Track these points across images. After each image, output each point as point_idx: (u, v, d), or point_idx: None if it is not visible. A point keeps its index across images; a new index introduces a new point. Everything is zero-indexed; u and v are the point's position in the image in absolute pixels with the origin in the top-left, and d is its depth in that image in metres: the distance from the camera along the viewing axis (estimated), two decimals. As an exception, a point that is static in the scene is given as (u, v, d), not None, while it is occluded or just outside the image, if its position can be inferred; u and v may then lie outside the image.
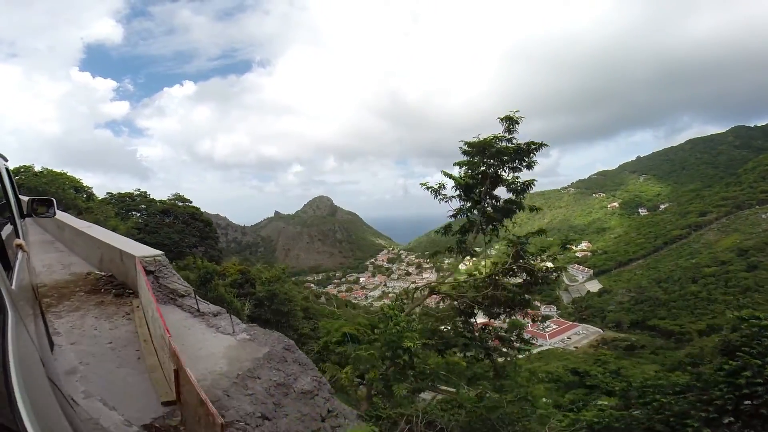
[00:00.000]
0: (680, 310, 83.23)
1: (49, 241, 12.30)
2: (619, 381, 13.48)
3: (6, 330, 1.17)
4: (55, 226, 12.37)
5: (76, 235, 10.34)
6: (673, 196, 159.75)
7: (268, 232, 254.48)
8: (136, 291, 7.47)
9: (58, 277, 8.50)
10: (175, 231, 26.17)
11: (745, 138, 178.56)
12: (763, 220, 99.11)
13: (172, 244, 24.67)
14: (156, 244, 24.98)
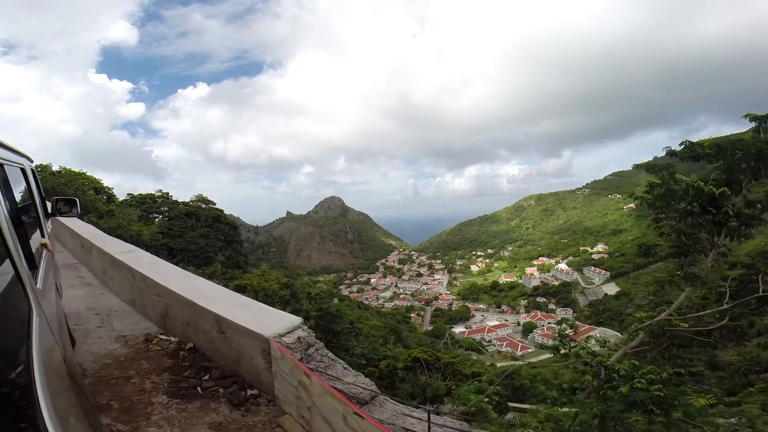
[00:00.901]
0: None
1: (70, 265, 9.01)
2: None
3: (31, 329, 1.20)
4: (79, 244, 9.24)
5: (112, 265, 7.07)
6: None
7: (280, 232, 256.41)
8: (261, 390, 4.10)
9: (98, 347, 4.97)
10: (200, 235, 26.26)
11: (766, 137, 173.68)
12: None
13: (198, 250, 24.74)
14: (182, 250, 25.07)
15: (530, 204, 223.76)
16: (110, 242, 8.41)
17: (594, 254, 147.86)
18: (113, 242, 8.49)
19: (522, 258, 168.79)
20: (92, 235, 8.88)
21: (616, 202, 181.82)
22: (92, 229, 10.20)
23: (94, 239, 8.34)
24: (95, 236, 8.91)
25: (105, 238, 9.05)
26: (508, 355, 79.37)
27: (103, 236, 9.28)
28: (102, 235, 9.41)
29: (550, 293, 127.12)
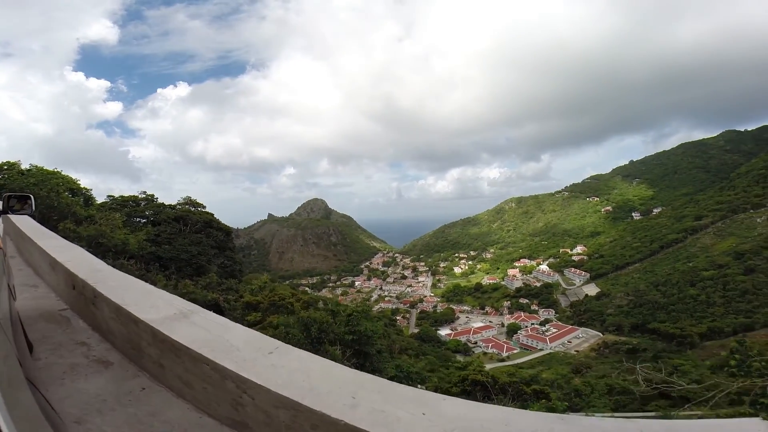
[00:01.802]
0: (680, 313, 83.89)
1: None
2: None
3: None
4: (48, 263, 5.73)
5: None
6: (667, 200, 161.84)
7: (262, 234, 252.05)
8: None
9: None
10: (191, 242, 24.95)
11: (736, 142, 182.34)
12: (758, 224, 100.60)
13: (190, 259, 23.47)
14: (172, 259, 23.72)
15: (511, 207, 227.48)
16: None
17: (574, 256, 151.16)
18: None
19: (504, 260, 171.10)
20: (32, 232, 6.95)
21: (593, 205, 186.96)
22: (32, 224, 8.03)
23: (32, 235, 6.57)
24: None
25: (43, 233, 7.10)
26: (495, 356, 79.92)
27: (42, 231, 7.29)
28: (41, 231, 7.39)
29: (532, 294, 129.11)
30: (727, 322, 73.27)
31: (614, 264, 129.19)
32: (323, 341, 9.05)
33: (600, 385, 24.95)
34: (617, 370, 52.85)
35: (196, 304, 13.43)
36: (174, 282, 18.03)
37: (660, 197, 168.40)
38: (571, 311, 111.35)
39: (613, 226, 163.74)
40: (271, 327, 10.51)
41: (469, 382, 11.39)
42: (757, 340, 59.07)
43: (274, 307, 12.61)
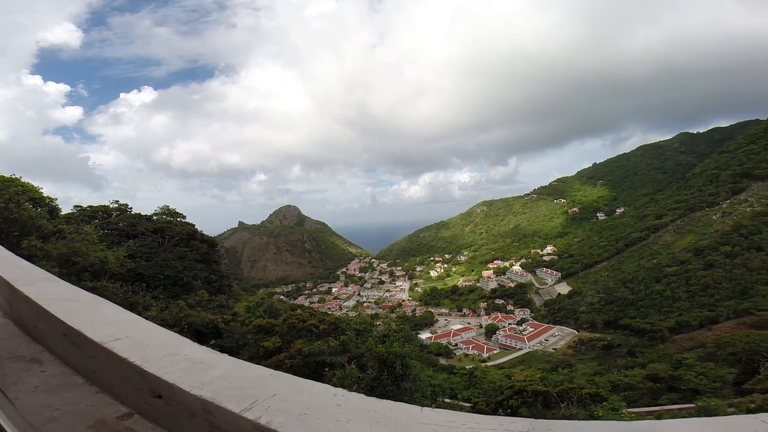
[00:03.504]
0: (648, 308, 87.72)
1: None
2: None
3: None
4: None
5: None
6: (629, 200, 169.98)
7: (233, 243, 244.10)
8: None
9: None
10: (175, 256, 22.92)
11: (690, 144, 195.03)
12: (714, 221, 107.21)
13: (176, 274, 21.48)
14: (154, 276, 21.69)
15: (482, 210, 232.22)
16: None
17: (545, 256, 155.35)
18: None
19: (478, 262, 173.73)
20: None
21: (560, 206, 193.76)
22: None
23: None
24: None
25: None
26: (476, 357, 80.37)
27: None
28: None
29: (507, 295, 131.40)
30: (693, 316, 77.11)
31: (583, 263, 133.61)
32: (405, 377, 8.07)
33: (603, 382, 25.14)
34: (603, 366, 54.42)
35: (193, 328, 11.57)
36: (164, 303, 16.33)
37: (622, 198, 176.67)
38: (546, 310, 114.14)
39: (580, 226, 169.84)
40: (300, 355, 9.41)
41: (529, 393, 10.75)
42: (722, 332, 62.64)
43: (295, 331, 11.41)
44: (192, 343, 2.60)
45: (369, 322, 12.10)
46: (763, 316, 65.66)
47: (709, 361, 30.28)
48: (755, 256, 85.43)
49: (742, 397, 19.22)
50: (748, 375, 23.84)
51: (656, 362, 42.73)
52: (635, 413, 15.88)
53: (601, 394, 11.06)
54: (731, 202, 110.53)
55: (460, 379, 25.74)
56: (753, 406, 15.14)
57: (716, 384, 21.61)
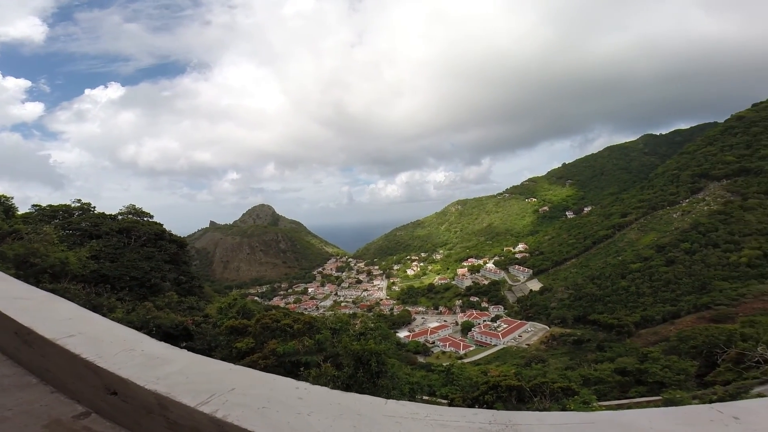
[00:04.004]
0: (615, 304, 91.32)
1: None
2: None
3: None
4: None
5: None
6: (596, 199, 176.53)
7: (204, 243, 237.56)
8: None
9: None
10: (141, 257, 22.00)
11: (653, 145, 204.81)
12: (674, 219, 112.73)
13: (143, 276, 20.61)
14: (119, 278, 20.78)
15: (456, 209, 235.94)
16: None
17: (517, 253, 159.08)
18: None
19: (453, 260, 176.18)
20: None
21: (532, 205, 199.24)
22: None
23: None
24: None
25: None
26: (453, 355, 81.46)
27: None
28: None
29: (481, 292, 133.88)
30: (656, 311, 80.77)
31: (553, 260, 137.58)
32: (381, 374, 8.03)
33: (574, 376, 26.01)
34: (574, 360, 56.29)
35: (162, 330, 11.36)
36: (131, 305, 15.69)
37: (590, 197, 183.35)
38: (519, 306, 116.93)
39: (550, 224, 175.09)
40: (274, 355, 9.22)
41: (504, 388, 10.97)
42: (683, 326, 65.97)
43: (269, 331, 11.18)
44: (150, 339, 2.52)
45: (345, 320, 12.02)
46: (720, 311, 69.47)
47: (672, 354, 31.81)
48: (712, 253, 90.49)
49: (705, 389, 20.22)
50: (709, 367, 25.15)
51: (624, 356, 44.59)
52: (606, 406, 16.48)
53: (573, 388, 11.46)
54: (690, 201, 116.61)
55: (438, 376, 26.07)
56: (715, 398, 15.99)
57: (680, 377, 22.77)
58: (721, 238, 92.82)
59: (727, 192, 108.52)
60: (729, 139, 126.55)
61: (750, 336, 28.21)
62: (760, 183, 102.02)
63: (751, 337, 26.79)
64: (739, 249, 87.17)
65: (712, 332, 35.92)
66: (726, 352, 19.29)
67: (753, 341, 21.78)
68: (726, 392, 15.13)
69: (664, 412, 1.73)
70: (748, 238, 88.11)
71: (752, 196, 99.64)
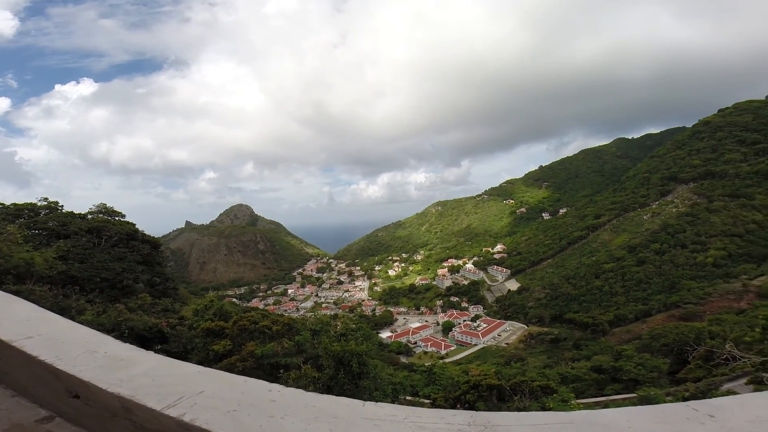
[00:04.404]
0: (589, 303, 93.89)
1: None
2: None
3: None
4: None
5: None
6: (571, 201, 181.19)
7: (179, 244, 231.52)
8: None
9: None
10: (113, 258, 21.12)
11: (625, 149, 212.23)
12: (645, 220, 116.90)
13: (114, 277, 19.78)
14: (89, 279, 19.94)
15: (436, 210, 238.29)
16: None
17: (495, 254, 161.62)
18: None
19: (433, 260, 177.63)
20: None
21: (509, 207, 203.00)
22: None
23: None
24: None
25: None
26: (434, 355, 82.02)
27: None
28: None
29: (461, 292, 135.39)
30: (629, 309, 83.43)
31: (530, 260, 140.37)
32: (363, 375, 7.91)
33: (552, 374, 26.54)
34: (552, 359, 57.48)
35: (135, 332, 11.05)
36: (101, 307, 15.08)
37: (565, 199, 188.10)
38: (498, 306, 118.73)
39: (527, 225, 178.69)
40: (252, 357, 9.01)
41: (484, 387, 11.06)
42: (655, 325, 68.41)
43: (247, 333, 10.90)
44: (114, 340, 2.40)
45: (326, 321, 11.88)
46: (688, 309, 72.25)
47: (645, 352, 32.89)
48: (680, 253, 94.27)
49: (677, 386, 20.89)
50: (680, 365, 26.06)
51: (599, 354, 45.75)
52: (584, 404, 16.87)
53: (551, 386, 11.69)
54: (660, 203, 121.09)
55: (420, 376, 26.17)
56: (687, 395, 16.55)
57: (653, 374, 23.58)
58: (688, 239, 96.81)
59: (693, 194, 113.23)
60: (696, 144, 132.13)
61: (717, 334, 29.49)
62: (724, 186, 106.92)
63: (718, 335, 28.01)
64: (705, 249, 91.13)
65: (682, 330, 37.30)
66: (696, 350, 20.09)
67: (720, 339, 22.75)
68: (697, 389, 15.75)
69: (641, 410, 1.75)
70: (714, 239, 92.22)
71: (717, 198, 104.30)
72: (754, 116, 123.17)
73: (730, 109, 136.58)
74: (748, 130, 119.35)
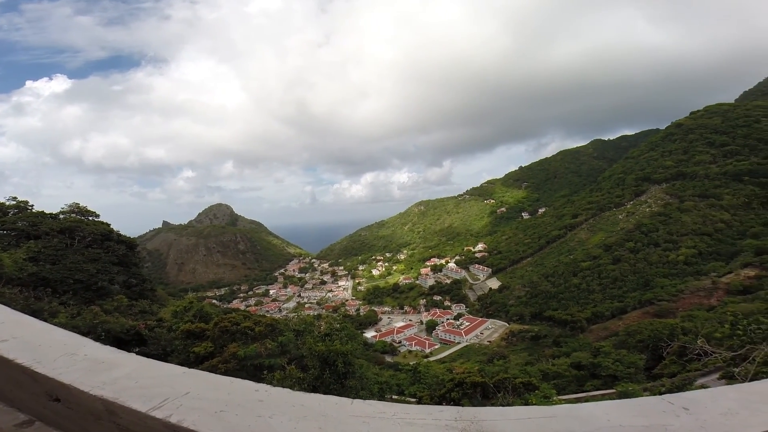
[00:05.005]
0: (568, 300, 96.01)
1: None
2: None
3: None
4: None
5: None
6: (549, 201, 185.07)
7: (156, 244, 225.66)
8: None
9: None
10: (87, 259, 20.37)
11: (601, 150, 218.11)
12: (620, 220, 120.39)
13: (88, 278, 19.07)
14: (62, 281, 19.20)
15: (419, 209, 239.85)
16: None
17: (476, 253, 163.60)
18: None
19: (416, 260, 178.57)
20: None
21: (490, 207, 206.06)
22: None
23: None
24: None
25: None
26: (419, 353, 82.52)
27: None
28: None
29: (444, 291, 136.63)
30: (605, 307, 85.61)
31: (511, 259, 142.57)
32: (349, 375, 7.87)
33: (534, 371, 27.08)
34: (533, 356, 58.60)
35: (112, 335, 10.84)
36: (75, 309, 14.57)
37: (544, 199, 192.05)
38: (479, 304, 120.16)
39: (507, 224, 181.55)
40: (235, 359, 8.86)
41: (468, 385, 11.19)
42: (630, 321, 70.53)
43: (228, 335, 10.70)
44: (93, 342, 2.34)
45: (309, 322, 11.80)
46: (662, 306, 74.63)
47: (622, 348, 33.90)
48: (653, 251, 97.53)
49: (654, 381, 21.52)
50: (655, 360, 26.92)
51: (578, 351, 46.79)
52: (564, 400, 17.25)
53: (533, 382, 11.96)
54: (634, 203, 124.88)
55: (405, 375, 26.32)
56: (664, 390, 17.09)
57: (630, 370, 24.35)
58: (661, 238, 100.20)
59: (666, 195, 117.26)
60: (669, 145, 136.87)
61: (690, 330, 30.61)
62: (695, 186, 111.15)
63: (690, 331, 29.08)
64: (677, 248, 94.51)
65: (656, 327, 38.56)
66: (670, 346, 20.81)
67: (693, 334, 23.62)
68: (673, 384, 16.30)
69: (620, 404, 1.83)
70: (685, 238, 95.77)
71: (688, 198, 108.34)
72: (723, 119, 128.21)
73: (701, 111, 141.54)
74: (717, 133, 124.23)
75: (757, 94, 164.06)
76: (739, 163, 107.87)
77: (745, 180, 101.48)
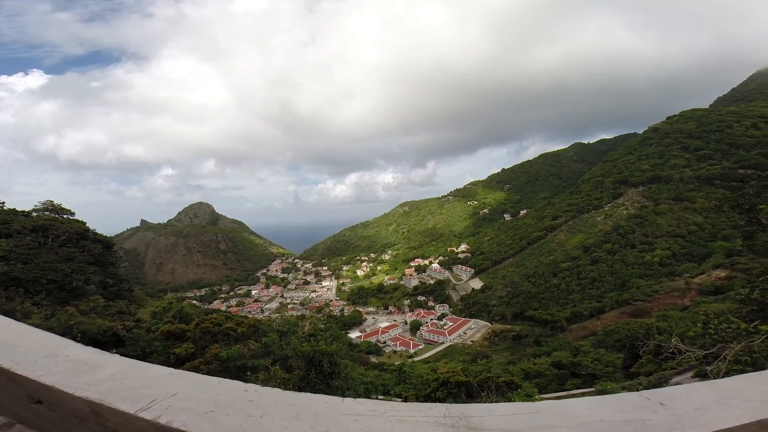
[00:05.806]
0: (548, 301, 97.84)
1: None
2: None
3: None
4: None
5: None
6: (530, 203, 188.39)
7: (134, 244, 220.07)
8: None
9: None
10: (62, 258, 19.63)
11: (581, 153, 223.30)
12: (598, 222, 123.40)
13: (62, 278, 18.40)
14: (35, 281, 18.49)
15: (403, 210, 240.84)
16: None
17: (459, 253, 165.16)
18: None
19: (400, 260, 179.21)
20: None
21: (473, 208, 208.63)
22: None
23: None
24: None
25: None
26: (404, 354, 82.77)
27: None
28: None
29: (428, 291, 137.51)
30: (584, 307, 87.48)
31: (493, 259, 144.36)
32: (334, 375, 7.80)
33: (516, 370, 27.49)
34: (515, 355, 59.47)
35: (88, 336, 10.65)
36: (49, 310, 14.07)
37: (525, 200, 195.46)
38: (462, 304, 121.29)
39: (490, 226, 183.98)
40: (217, 360, 8.71)
41: (453, 384, 11.28)
42: (608, 321, 72.30)
43: (210, 336, 10.49)
44: (75, 343, 2.27)
45: (293, 322, 11.69)
46: (638, 306, 76.58)
47: (600, 348, 34.69)
48: (630, 253, 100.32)
49: (632, 380, 22.06)
50: (633, 359, 27.67)
51: (559, 350, 47.66)
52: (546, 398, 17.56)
53: (516, 381, 12.18)
54: (612, 206, 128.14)
55: (390, 375, 26.33)
56: (641, 388, 17.62)
57: (609, 369, 24.98)
58: (637, 240, 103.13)
59: (642, 198, 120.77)
60: (645, 149, 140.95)
61: (664, 329, 31.59)
62: (669, 190, 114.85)
63: (665, 330, 30.01)
64: (652, 249, 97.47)
65: (633, 326, 39.60)
66: (646, 345, 21.44)
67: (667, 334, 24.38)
68: (650, 382, 16.81)
69: (600, 400, 1.89)
70: (660, 240, 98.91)
71: (663, 201, 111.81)
72: (697, 124, 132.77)
73: (677, 116, 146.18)
74: (691, 137, 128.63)
75: (730, 99, 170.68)
76: (712, 167, 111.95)
77: (717, 184, 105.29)
